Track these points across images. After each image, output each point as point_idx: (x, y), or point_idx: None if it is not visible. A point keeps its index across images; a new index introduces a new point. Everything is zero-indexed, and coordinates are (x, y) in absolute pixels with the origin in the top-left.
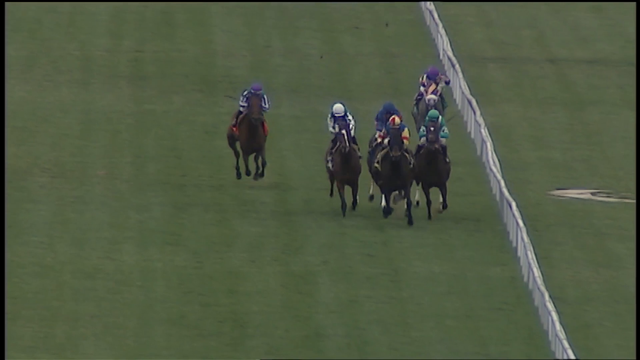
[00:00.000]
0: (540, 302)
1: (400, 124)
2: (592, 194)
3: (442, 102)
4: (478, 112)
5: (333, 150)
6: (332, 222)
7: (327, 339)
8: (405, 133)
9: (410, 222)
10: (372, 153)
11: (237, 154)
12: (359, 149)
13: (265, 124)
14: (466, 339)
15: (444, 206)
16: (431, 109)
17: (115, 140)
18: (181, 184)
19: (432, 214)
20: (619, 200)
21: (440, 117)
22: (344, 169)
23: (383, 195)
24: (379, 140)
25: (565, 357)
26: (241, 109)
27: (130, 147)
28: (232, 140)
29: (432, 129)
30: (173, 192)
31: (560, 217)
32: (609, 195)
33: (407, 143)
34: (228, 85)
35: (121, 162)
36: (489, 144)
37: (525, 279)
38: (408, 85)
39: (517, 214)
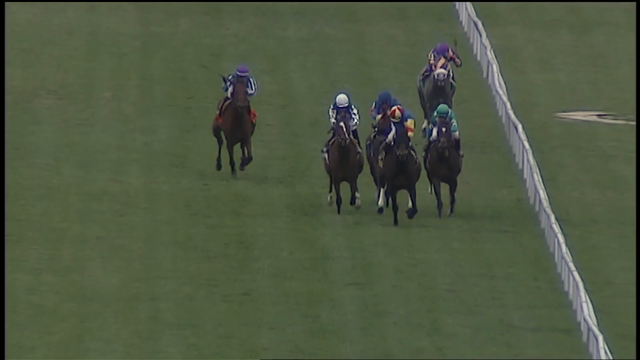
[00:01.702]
0: (546, 224)
1: (402, 116)
2: (598, 116)
3: (452, 82)
4: (484, 35)
5: (330, 143)
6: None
7: (333, 261)
8: (410, 124)
9: (410, 216)
10: (369, 146)
11: (220, 142)
12: (359, 144)
13: (253, 111)
14: (472, 261)
15: (452, 200)
16: (440, 84)
17: (122, 63)
18: (187, 106)
19: (441, 213)
20: (625, 122)
21: (449, 111)
22: (340, 164)
23: (382, 192)
24: (379, 119)
25: (571, 279)
26: (227, 94)
27: (136, 69)
28: (217, 130)
29: (444, 129)
30: (179, 114)
31: (565, 139)
32: (614, 117)
33: (412, 135)
34: (234, 7)
35: (127, 85)
36: (495, 66)
37: (531, 201)
38: (414, 7)
39: (523, 136)
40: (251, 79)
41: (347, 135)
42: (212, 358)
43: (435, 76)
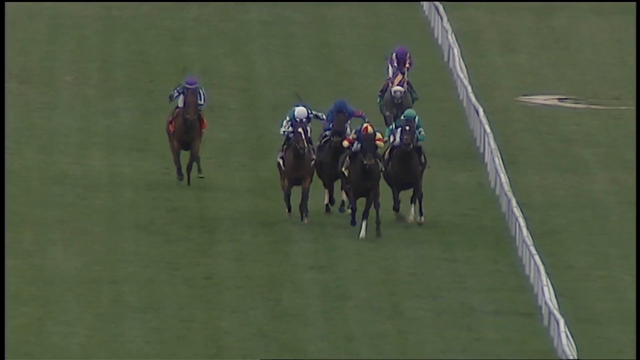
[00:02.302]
0: (507, 207)
1: (374, 131)
2: (559, 99)
3: (412, 93)
4: (445, 18)
5: (285, 147)
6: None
7: (294, 245)
8: (379, 136)
9: (378, 229)
10: (320, 148)
11: (174, 153)
12: (313, 150)
13: (204, 119)
14: (433, 244)
15: (421, 215)
16: (397, 101)
17: (83, 46)
18: (149, 89)
19: (408, 222)
20: (586, 106)
21: (416, 117)
22: (295, 166)
23: (349, 202)
24: (346, 144)
25: (532, 263)
26: (178, 103)
27: (98, 52)
28: (169, 134)
29: (407, 128)
30: (141, 97)
31: (527, 123)
32: (575, 101)
33: (382, 145)
34: None
35: (89, 68)
36: (455, 50)
37: (492, 185)
38: None
39: (484, 119)
40: (200, 90)
41: (305, 143)
42: (174, 341)
43: (392, 93)
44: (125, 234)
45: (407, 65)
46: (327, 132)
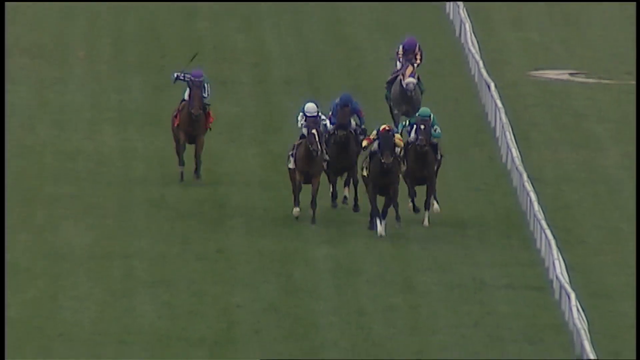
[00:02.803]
0: (518, 182)
1: (392, 129)
2: (571, 74)
3: (420, 86)
4: None
5: (297, 145)
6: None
7: (306, 220)
8: (398, 137)
9: (398, 219)
10: (325, 143)
11: (178, 145)
12: (326, 152)
13: (210, 113)
14: (445, 219)
15: (432, 206)
16: (410, 94)
17: (95, 22)
18: (160, 65)
19: (428, 217)
20: (597, 81)
21: (431, 115)
22: (307, 164)
23: (377, 220)
24: (366, 144)
25: (543, 237)
26: (185, 96)
27: (110, 28)
28: (174, 127)
29: (422, 127)
30: (152, 73)
31: (538, 97)
32: (587, 76)
33: (401, 145)
34: None
35: (101, 44)
36: (467, 25)
37: (503, 160)
38: None
39: (495, 94)
40: (205, 85)
41: (319, 146)
42: (185, 316)
43: (405, 86)
44: (136, 209)
45: (419, 59)
46: (331, 127)
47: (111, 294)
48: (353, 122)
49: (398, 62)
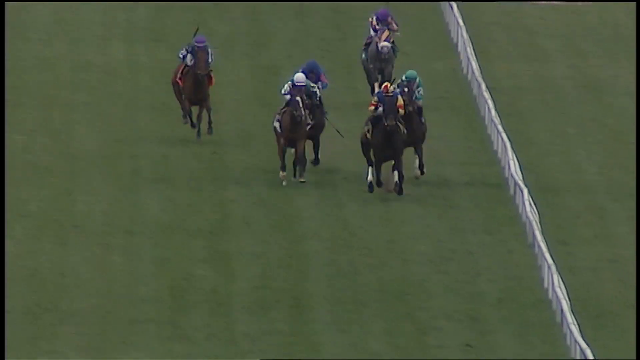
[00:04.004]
0: (477, 91)
1: (394, 91)
2: None
3: (394, 49)
4: None
5: (282, 111)
6: (294, 21)
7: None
8: (400, 101)
9: (400, 193)
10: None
11: (183, 102)
12: (309, 117)
13: (212, 75)
14: None
15: (422, 172)
16: (384, 57)
17: None
18: None
19: (410, 177)
20: (547, 2)
21: (417, 78)
22: (292, 130)
23: (370, 168)
24: (372, 107)
25: (499, 140)
26: (187, 62)
27: None
28: (176, 87)
29: (405, 89)
30: None
31: (495, 16)
32: None
33: (402, 112)
34: None
35: None
36: None
37: (464, 72)
38: None
39: (457, 13)
40: (209, 49)
41: (302, 111)
42: (185, 208)
43: (380, 48)
44: (142, 115)
45: (395, 27)
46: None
47: (120, 190)
48: (317, 90)
49: (372, 31)
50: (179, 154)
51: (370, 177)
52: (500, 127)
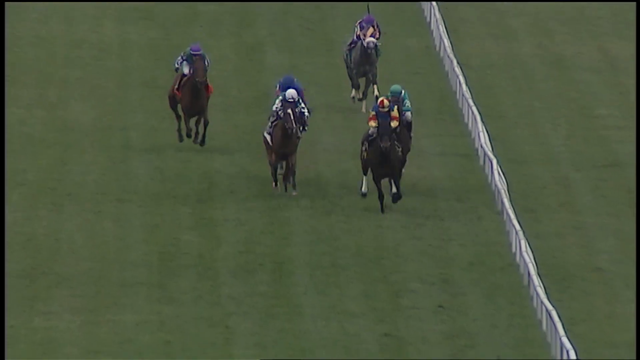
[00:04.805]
0: (449, 67)
1: (390, 105)
2: None
3: (377, 50)
4: None
5: (273, 123)
6: (277, 2)
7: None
8: (395, 113)
9: (394, 202)
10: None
11: (178, 117)
12: (300, 130)
13: (210, 86)
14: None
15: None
16: (370, 52)
17: None
18: None
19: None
20: None
21: (402, 91)
22: (283, 144)
23: (364, 179)
24: (372, 122)
25: (470, 112)
26: (184, 71)
27: None
28: (173, 101)
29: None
30: None
31: None
32: None
33: (396, 124)
34: None
35: None
36: None
37: (437, 49)
38: None
39: None
40: (206, 56)
41: (294, 124)
42: (173, 178)
43: (365, 44)
44: (132, 90)
45: (377, 32)
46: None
47: (111, 160)
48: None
49: (355, 37)
50: (168, 127)
51: (364, 188)
52: (470, 101)
